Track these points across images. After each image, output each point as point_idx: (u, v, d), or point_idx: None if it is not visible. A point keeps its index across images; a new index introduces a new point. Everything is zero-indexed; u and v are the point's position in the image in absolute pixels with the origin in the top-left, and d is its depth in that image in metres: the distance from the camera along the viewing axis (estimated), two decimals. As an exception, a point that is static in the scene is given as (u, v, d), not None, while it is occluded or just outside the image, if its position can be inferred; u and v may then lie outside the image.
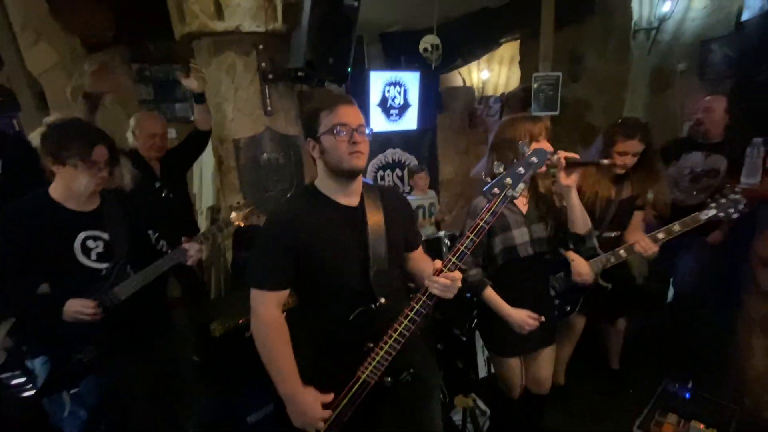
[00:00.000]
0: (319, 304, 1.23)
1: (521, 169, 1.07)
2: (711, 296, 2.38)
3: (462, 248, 1.08)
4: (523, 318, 1.46)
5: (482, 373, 2.36)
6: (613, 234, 1.94)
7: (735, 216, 1.65)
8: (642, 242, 1.76)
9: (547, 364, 1.68)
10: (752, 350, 1.92)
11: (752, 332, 1.91)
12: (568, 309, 1.92)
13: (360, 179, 1.23)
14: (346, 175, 1.17)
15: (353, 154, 1.13)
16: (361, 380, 1.14)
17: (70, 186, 1.38)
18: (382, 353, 1.12)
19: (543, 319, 1.47)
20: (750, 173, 1.92)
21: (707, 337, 2.40)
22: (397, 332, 1.11)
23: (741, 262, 1.99)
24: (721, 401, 2.00)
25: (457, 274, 1.08)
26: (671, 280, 2.71)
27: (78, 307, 1.35)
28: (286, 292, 1.19)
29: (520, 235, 1.47)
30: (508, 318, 1.47)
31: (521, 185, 1.08)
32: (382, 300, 1.18)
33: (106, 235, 1.45)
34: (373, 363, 1.13)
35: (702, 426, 1.88)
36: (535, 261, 1.51)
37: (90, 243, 1.42)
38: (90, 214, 1.44)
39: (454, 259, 1.08)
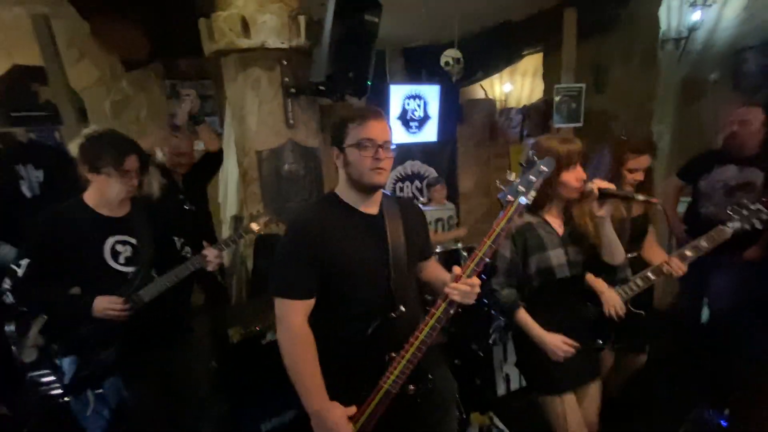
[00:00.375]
0: (339, 312, 1.21)
1: (532, 177, 1.09)
2: (748, 316, 2.23)
3: (480, 254, 1.07)
4: (557, 343, 1.37)
5: (500, 390, 2.29)
6: (633, 255, 1.81)
7: (759, 227, 1.56)
8: (671, 262, 1.66)
9: (595, 402, 1.54)
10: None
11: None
12: (600, 343, 1.72)
13: (379, 190, 1.24)
14: (366, 190, 1.18)
15: (375, 170, 1.13)
16: (383, 390, 1.12)
17: (104, 193, 1.47)
18: (404, 362, 1.11)
19: (578, 345, 1.38)
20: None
21: (747, 360, 2.24)
22: (419, 340, 1.10)
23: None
24: (760, 430, 1.86)
25: (476, 281, 1.08)
26: (704, 300, 2.56)
27: (106, 304, 1.42)
28: (312, 301, 1.17)
29: (556, 256, 1.40)
30: (541, 342, 1.39)
31: (533, 192, 1.08)
32: (402, 308, 1.17)
33: (134, 241, 1.52)
34: (396, 372, 1.11)
35: (740, 457, 1.75)
36: (572, 284, 1.44)
37: (119, 247, 1.49)
38: (120, 220, 1.52)
39: (472, 265, 1.08)
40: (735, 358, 2.30)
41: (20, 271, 1.39)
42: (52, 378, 2.05)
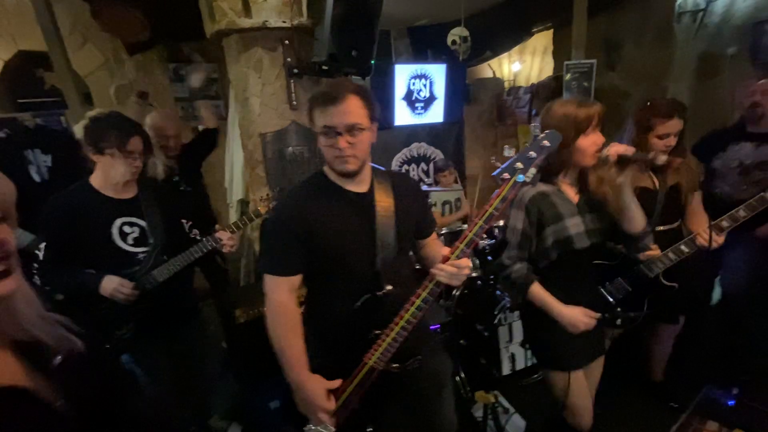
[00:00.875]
0: (325, 290, 1.24)
1: (532, 153, 1.01)
2: (761, 296, 2.19)
3: (470, 234, 1.03)
4: (577, 316, 1.31)
5: (506, 370, 2.30)
6: (668, 227, 1.77)
7: None
8: (704, 233, 1.59)
9: (596, 378, 1.52)
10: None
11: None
12: (633, 315, 1.68)
13: (367, 168, 1.22)
14: (341, 175, 1.16)
15: (339, 159, 1.10)
16: (367, 366, 1.14)
17: (108, 174, 1.49)
18: (388, 340, 1.12)
19: (599, 315, 1.34)
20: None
21: (757, 340, 2.21)
22: (404, 319, 1.10)
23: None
24: (769, 410, 1.85)
25: (465, 261, 1.05)
26: (716, 279, 2.52)
27: (116, 285, 1.45)
28: (298, 278, 1.19)
29: (575, 225, 1.32)
30: (559, 317, 1.33)
31: (533, 170, 1.01)
32: (389, 287, 1.17)
33: (142, 222, 1.55)
34: (380, 349, 1.13)
35: (747, 435, 1.75)
36: (589, 254, 1.37)
37: (126, 228, 1.53)
38: (127, 202, 1.54)
39: (462, 246, 1.04)
40: (745, 337, 2.27)
41: (40, 254, 1.45)
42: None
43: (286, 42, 2.40)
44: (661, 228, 1.76)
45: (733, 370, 2.17)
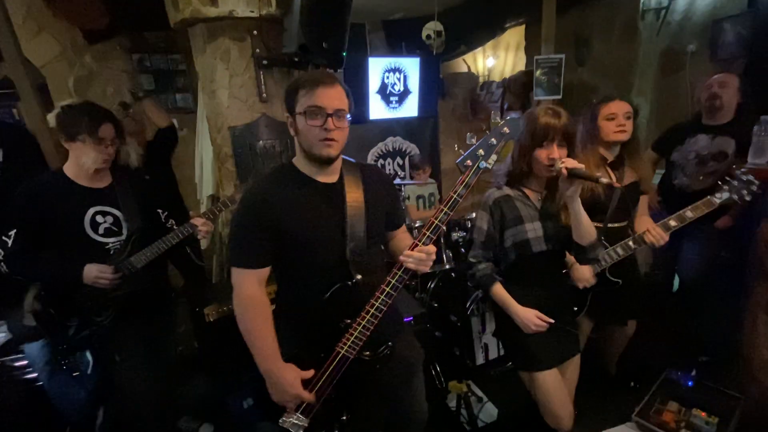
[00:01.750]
0: (296, 281, 1.23)
1: (493, 140, 1.06)
2: (718, 283, 2.31)
3: (436, 221, 1.07)
4: (529, 317, 1.38)
5: (479, 360, 2.34)
6: (619, 224, 1.84)
7: (748, 198, 1.58)
8: (653, 231, 1.67)
9: (573, 378, 1.56)
10: (758, 338, 1.85)
11: (758, 319, 1.85)
12: (576, 309, 1.78)
13: (339, 158, 1.21)
14: (317, 161, 1.15)
15: (324, 142, 1.10)
16: (340, 355, 1.15)
17: (80, 161, 1.49)
18: (360, 328, 1.13)
19: (552, 321, 1.39)
20: (757, 153, 1.84)
21: (713, 325, 2.33)
22: (374, 307, 1.12)
23: (748, 248, 1.92)
24: (725, 390, 1.95)
25: (432, 248, 1.08)
26: (676, 268, 2.63)
27: (96, 273, 1.47)
28: (266, 270, 1.19)
29: (533, 230, 1.39)
30: (514, 315, 1.40)
31: (494, 156, 1.06)
32: (359, 277, 1.17)
33: (115, 211, 1.56)
34: (351, 338, 1.14)
35: (704, 414, 1.84)
36: (548, 258, 1.42)
37: (99, 218, 1.53)
38: (101, 191, 1.55)
39: (428, 233, 1.08)
40: (703, 323, 2.39)
41: (9, 242, 1.46)
42: (24, 363, 2.02)
43: (255, 32, 2.33)
44: (615, 225, 1.83)
45: (692, 352, 2.28)
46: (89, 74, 3.16)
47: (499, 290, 1.43)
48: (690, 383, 2.03)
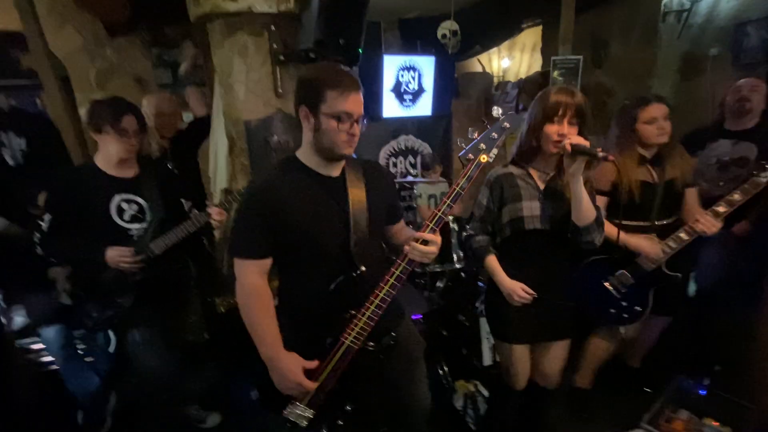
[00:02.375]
0: (300, 273, 1.24)
1: (494, 134, 1.10)
2: (734, 291, 2.26)
3: (439, 213, 1.10)
4: (514, 288, 1.43)
5: (487, 361, 2.33)
6: (667, 221, 1.79)
7: None
8: (702, 219, 1.63)
9: (557, 360, 1.61)
10: (774, 347, 1.81)
11: (774, 329, 1.81)
12: (639, 310, 1.76)
13: None
14: (334, 159, 1.19)
15: (346, 143, 1.14)
16: (345, 346, 1.16)
17: (105, 152, 1.60)
18: (364, 319, 1.15)
19: (534, 293, 1.42)
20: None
21: (728, 333, 2.29)
22: (379, 298, 1.14)
23: (765, 256, 1.88)
24: (738, 400, 1.91)
25: (436, 237, 1.11)
26: (692, 274, 2.58)
27: (117, 255, 1.56)
28: (268, 261, 1.20)
29: (529, 208, 1.41)
30: (501, 287, 1.46)
31: (495, 150, 1.09)
32: (363, 268, 1.19)
33: (140, 200, 1.65)
34: (356, 329, 1.16)
35: (716, 424, 1.80)
36: (545, 238, 1.44)
37: (124, 205, 1.62)
38: (128, 181, 1.65)
39: (432, 225, 1.10)
40: (717, 330, 2.34)
41: (44, 225, 1.56)
42: (40, 346, 2.08)
43: (273, 28, 2.36)
44: (661, 222, 1.79)
45: (705, 361, 2.24)
46: (110, 66, 3.23)
47: (491, 261, 1.49)
48: (702, 392, 1.99)
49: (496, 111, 1.13)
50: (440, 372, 2.21)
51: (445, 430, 1.97)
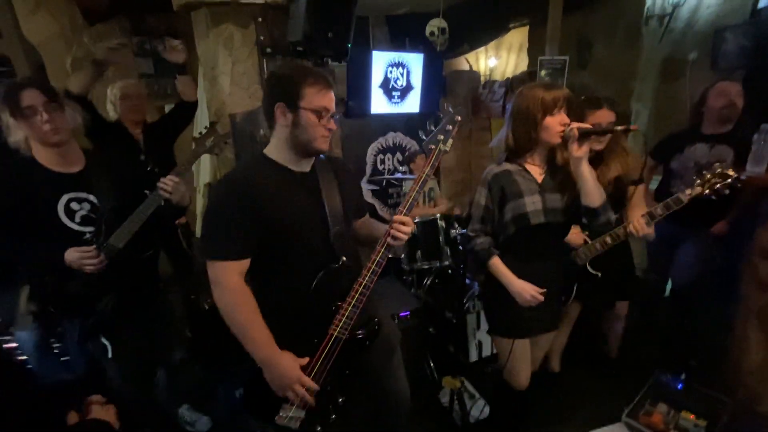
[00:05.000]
0: (282, 270, 1.22)
1: (449, 126, 1.20)
2: (711, 288, 2.34)
3: (411, 198, 1.17)
4: (526, 289, 1.42)
5: (473, 357, 2.35)
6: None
7: (725, 192, 1.55)
8: (635, 222, 1.67)
9: (544, 347, 1.67)
10: (748, 343, 1.88)
11: (748, 325, 1.87)
12: (563, 299, 1.80)
13: None
14: (310, 154, 1.21)
15: (323, 138, 1.17)
16: (333, 337, 1.17)
17: (33, 138, 1.35)
18: (350, 308, 1.16)
19: (545, 291, 1.43)
20: (756, 161, 1.85)
21: (704, 329, 2.36)
22: (362, 285, 1.16)
23: (742, 254, 1.94)
24: (714, 393, 1.98)
25: (407, 219, 1.17)
26: (670, 274, 2.66)
27: (78, 255, 1.36)
28: (247, 262, 1.16)
29: (532, 203, 1.42)
30: (510, 288, 1.44)
31: (450, 140, 1.20)
32: (344, 259, 1.21)
33: (91, 197, 1.44)
34: (344, 318, 1.17)
35: (692, 417, 1.86)
36: (548, 232, 1.46)
37: (74, 205, 1.42)
38: (74, 176, 1.43)
39: (405, 210, 1.17)
40: (693, 327, 2.42)
41: None
42: (13, 345, 1.99)
43: (259, 19, 2.31)
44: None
45: (682, 356, 2.31)
46: (87, 55, 3.10)
47: (496, 263, 1.47)
48: (679, 386, 2.05)
49: (445, 106, 1.25)
50: (427, 368, 2.22)
51: (431, 425, 1.98)
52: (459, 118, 1.21)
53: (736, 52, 3.00)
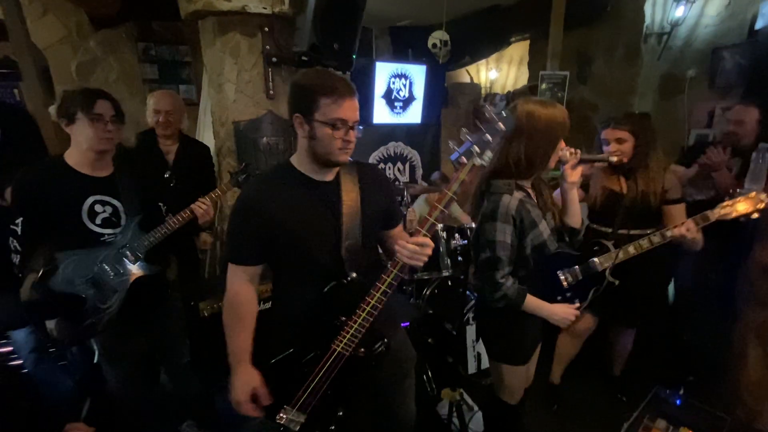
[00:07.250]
0: (292, 279, 1.24)
1: (488, 136, 0.99)
2: (711, 304, 2.35)
3: (431, 219, 1.04)
4: (568, 312, 1.39)
5: (471, 369, 2.34)
6: (640, 232, 1.80)
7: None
8: (686, 224, 1.58)
9: (535, 360, 1.65)
10: (747, 359, 1.88)
11: (747, 341, 1.88)
12: (578, 303, 1.71)
13: None
14: (329, 165, 1.17)
15: (343, 149, 1.12)
16: (336, 352, 1.15)
17: (80, 144, 1.43)
18: (355, 326, 1.13)
19: (579, 308, 1.44)
20: (754, 179, 1.87)
21: (704, 345, 2.37)
22: (370, 305, 1.11)
23: (740, 271, 1.95)
24: (713, 410, 1.97)
25: (427, 240, 1.04)
26: (671, 285, 2.66)
27: None
28: (256, 268, 1.21)
29: (545, 229, 1.33)
30: (551, 317, 1.38)
31: (489, 153, 1.00)
32: (354, 275, 1.18)
33: (115, 202, 1.51)
34: (348, 336, 1.14)
35: (691, 433, 1.85)
36: (557, 254, 1.42)
37: (98, 207, 1.48)
38: (101, 180, 1.50)
39: (423, 231, 1.04)
40: (691, 341, 2.43)
41: (19, 229, 1.45)
42: (8, 349, 1.97)
43: (266, 29, 2.34)
44: (634, 232, 1.83)
45: (681, 371, 2.31)
46: (93, 60, 3.13)
47: (531, 301, 1.37)
48: (678, 402, 2.05)
49: (488, 111, 1.00)
50: (425, 378, 2.21)
51: (429, 438, 1.96)
52: (503, 127, 0.98)
53: (733, 71, 3.06)
